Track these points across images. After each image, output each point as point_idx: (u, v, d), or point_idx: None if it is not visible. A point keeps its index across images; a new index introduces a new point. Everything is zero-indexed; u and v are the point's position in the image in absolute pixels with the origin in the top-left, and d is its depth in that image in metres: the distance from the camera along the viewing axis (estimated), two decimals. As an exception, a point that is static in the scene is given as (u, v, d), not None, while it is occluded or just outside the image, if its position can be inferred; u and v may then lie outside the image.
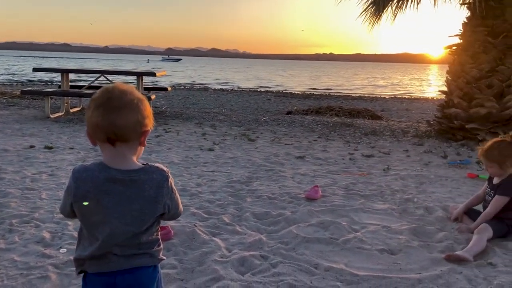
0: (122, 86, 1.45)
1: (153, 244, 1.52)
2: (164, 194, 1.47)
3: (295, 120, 9.61)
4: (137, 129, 1.42)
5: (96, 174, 1.44)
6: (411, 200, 4.12)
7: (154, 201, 1.46)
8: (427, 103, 18.86)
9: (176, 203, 1.54)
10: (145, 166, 1.48)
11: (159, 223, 1.54)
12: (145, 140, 1.47)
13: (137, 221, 1.45)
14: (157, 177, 1.47)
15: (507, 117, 7.25)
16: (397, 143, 7.27)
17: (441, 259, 2.84)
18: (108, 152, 1.44)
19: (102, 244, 1.44)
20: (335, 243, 3.05)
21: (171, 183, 1.50)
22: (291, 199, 4.02)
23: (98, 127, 1.39)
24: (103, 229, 1.44)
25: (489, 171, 3.40)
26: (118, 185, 1.43)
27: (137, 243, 1.47)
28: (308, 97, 19.93)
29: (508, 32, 7.38)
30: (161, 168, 1.49)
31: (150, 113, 1.47)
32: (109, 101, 1.40)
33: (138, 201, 1.44)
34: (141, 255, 1.49)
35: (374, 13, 8.58)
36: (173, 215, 1.56)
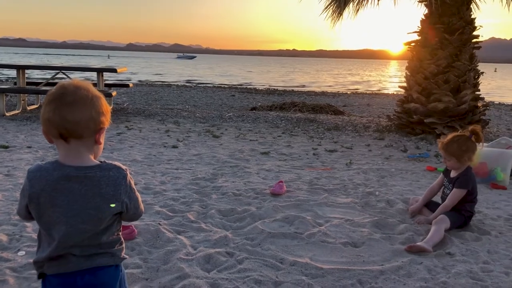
0: (78, 83, 1.43)
1: (114, 243, 1.49)
2: (122, 192, 1.45)
3: (259, 116, 9.64)
4: (90, 126, 1.39)
5: (50, 173, 1.40)
6: (373, 193, 4.21)
7: (111, 199, 1.43)
8: (388, 98, 19.31)
9: (135, 202, 1.51)
10: (102, 163, 1.45)
11: (120, 222, 1.51)
12: (100, 138, 1.44)
13: (94, 219, 1.42)
14: (114, 174, 1.44)
15: (463, 112, 7.53)
16: (359, 138, 7.41)
17: (402, 250, 2.92)
18: (62, 149, 1.41)
19: (59, 244, 1.40)
20: (300, 238, 3.08)
21: (129, 182, 1.47)
22: (256, 195, 4.04)
23: (49, 122, 1.36)
24: (59, 228, 1.40)
25: (447, 164, 3.51)
26: (73, 182, 1.40)
27: (97, 243, 1.44)
28: (272, 93, 20.02)
29: (463, 29, 7.66)
30: (119, 166, 1.46)
31: (107, 111, 1.44)
32: (62, 96, 1.37)
33: (94, 199, 1.41)
34: (102, 255, 1.46)
35: (336, 10, 8.70)
36: (133, 215, 1.53)
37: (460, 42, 7.64)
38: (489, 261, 2.79)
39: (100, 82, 8.95)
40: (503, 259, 2.81)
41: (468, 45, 7.74)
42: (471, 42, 7.81)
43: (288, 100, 14.50)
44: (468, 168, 3.44)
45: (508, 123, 11.99)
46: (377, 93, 23.82)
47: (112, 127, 7.36)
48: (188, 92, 17.51)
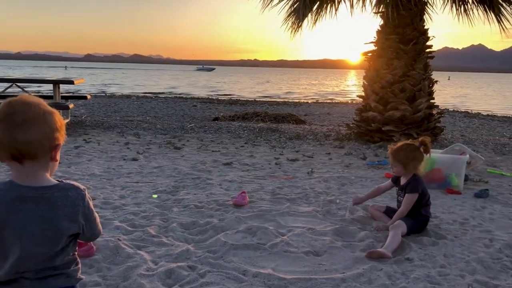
0: (27, 99, 1.35)
1: (70, 264, 1.44)
2: (80, 213, 1.40)
3: (221, 127, 9.62)
4: (45, 145, 1.33)
5: (3, 193, 1.34)
6: (334, 201, 4.27)
7: (69, 220, 1.38)
8: (347, 107, 19.73)
9: (93, 223, 1.46)
10: (59, 182, 1.40)
11: (76, 243, 1.46)
12: (56, 155, 1.39)
13: (50, 241, 1.36)
14: (72, 194, 1.39)
15: (419, 119, 7.78)
16: (320, 147, 7.52)
17: (363, 257, 2.97)
18: (16, 169, 1.34)
19: (11, 269, 1.34)
20: (262, 248, 3.08)
21: (88, 202, 1.43)
22: (218, 206, 4.01)
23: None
24: (13, 251, 1.34)
25: (393, 169, 3.61)
26: (29, 203, 1.34)
27: (52, 265, 1.39)
28: (234, 103, 20.06)
29: (417, 39, 7.93)
30: (77, 186, 1.41)
31: (62, 126, 1.39)
32: (10, 116, 1.29)
33: (51, 220, 1.35)
34: (57, 276, 1.40)
35: (295, 21, 8.83)
36: (90, 237, 1.48)
37: (414, 52, 7.90)
38: (446, 264, 2.87)
39: (57, 95, 8.71)
40: (459, 262, 2.90)
41: (422, 55, 8.02)
42: (425, 52, 8.09)
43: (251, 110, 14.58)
44: (415, 174, 3.54)
45: (462, 130, 12.48)
46: (337, 102, 24.30)
47: (69, 140, 7.16)
48: (149, 103, 17.29)
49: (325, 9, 8.85)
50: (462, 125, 13.85)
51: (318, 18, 8.98)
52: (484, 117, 17.73)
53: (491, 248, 3.16)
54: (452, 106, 23.10)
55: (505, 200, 4.51)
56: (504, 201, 4.48)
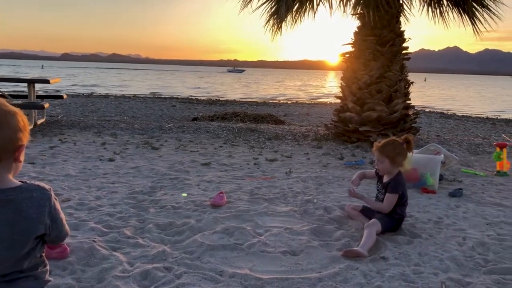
0: None
1: (38, 266, 1.41)
2: (46, 214, 1.37)
3: (200, 127, 9.57)
4: (8, 147, 1.30)
5: None
6: (311, 201, 4.29)
7: (35, 221, 1.35)
8: (326, 107, 19.88)
9: (60, 224, 1.43)
10: (23, 184, 1.36)
11: (43, 244, 1.43)
12: (20, 156, 1.35)
13: (18, 244, 1.33)
14: (37, 195, 1.36)
15: (395, 120, 7.89)
16: (298, 147, 7.55)
17: (339, 256, 2.99)
18: None
19: None
20: (239, 249, 3.07)
21: (54, 203, 1.40)
22: (196, 207, 3.99)
23: None
24: None
25: (379, 166, 3.64)
26: None
27: (19, 268, 1.35)
28: (214, 103, 20.00)
29: (394, 41, 8.05)
30: (42, 186, 1.39)
31: (25, 126, 1.35)
32: None
33: (17, 222, 1.32)
34: (25, 279, 1.37)
35: (275, 22, 8.86)
36: (56, 237, 1.46)
37: (391, 54, 8.01)
38: (420, 263, 2.92)
39: (32, 94, 8.53)
40: (433, 261, 2.95)
41: (399, 56, 8.14)
42: (401, 54, 8.22)
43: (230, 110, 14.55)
44: (399, 173, 3.60)
45: (437, 130, 12.70)
46: (316, 103, 24.47)
47: (44, 141, 7.03)
48: (127, 103, 17.10)
49: (305, 11, 8.90)
50: (437, 126, 14.10)
51: (298, 20, 9.02)
52: (459, 117, 18.09)
53: (464, 246, 3.22)
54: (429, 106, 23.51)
55: (478, 199, 4.61)
56: (477, 200, 4.57)
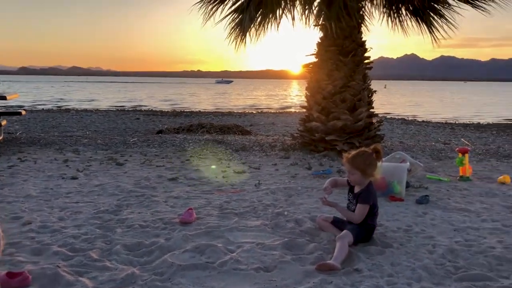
0: None
1: None
2: None
3: (166, 140, 9.42)
4: None
5: None
6: (282, 213, 4.26)
7: None
8: (291, 116, 20.03)
9: None
10: None
11: None
12: None
13: None
14: None
15: (360, 128, 8.00)
16: (266, 158, 7.54)
17: (313, 270, 2.96)
18: None
19: None
20: (211, 267, 2.99)
21: None
22: (164, 225, 3.88)
23: None
24: None
25: (350, 178, 3.66)
26: None
27: None
28: (179, 115, 19.83)
29: (356, 51, 8.19)
30: None
31: None
32: None
33: None
34: None
35: (239, 34, 8.86)
36: None
37: (353, 64, 8.14)
38: (393, 273, 2.92)
39: (-13, 111, 8.18)
40: (405, 271, 2.97)
41: (361, 66, 8.28)
42: (363, 63, 8.36)
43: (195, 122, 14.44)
44: (369, 183, 3.62)
45: (400, 136, 13.00)
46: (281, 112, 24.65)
47: (2, 160, 6.73)
48: (89, 117, 16.71)
49: (268, 23, 8.94)
50: (400, 132, 14.45)
51: (261, 31, 9.05)
52: (420, 123, 18.62)
53: (435, 254, 3.26)
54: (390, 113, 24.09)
55: (444, 205, 4.70)
56: (444, 206, 4.66)
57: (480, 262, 3.12)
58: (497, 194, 5.21)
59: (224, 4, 8.84)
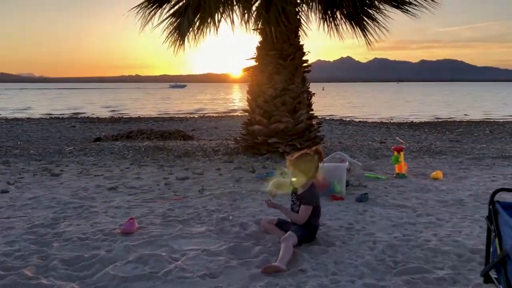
0: None
1: None
2: None
3: (104, 148, 9.11)
4: None
5: None
6: (226, 218, 4.24)
7: None
8: (233, 120, 20.07)
9: None
10: None
11: None
12: None
13: None
14: None
15: (301, 130, 8.16)
16: (210, 163, 7.48)
17: (259, 273, 2.96)
18: None
19: None
20: (156, 278, 2.92)
21: None
22: (105, 236, 3.74)
23: None
24: None
25: (294, 180, 3.70)
26: None
27: None
28: (117, 121, 19.28)
29: (295, 55, 8.34)
30: None
31: None
32: None
33: None
34: None
35: (177, 38, 8.75)
36: None
37: (293, 67, 8.29)
38: (337, 271, 2.99)
39: None
40: (348, 268, 3.04)
41: (300, 69, 8.45)
42: (302, 67, 8.54)
43: (135, 128, 14.10)
44: (312, 184, 3.69)
45: (338, 137, 13.39)
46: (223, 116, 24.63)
47: None
48: (20, 126, 15.84)
49: (207, 27, 8.90)
50: (338, 132, 14.88)
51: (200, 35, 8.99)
52: (357, 123, 19.28)
53: (375, 250, 3.37)
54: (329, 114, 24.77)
55: (383, 202, 4.88)
56: (382, 203, 4.84)
57: (417, 256, 3.26)
58: (431, 190, 5.49)
59: (162, 8, 8.71)
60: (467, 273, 2.97)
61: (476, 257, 3.19)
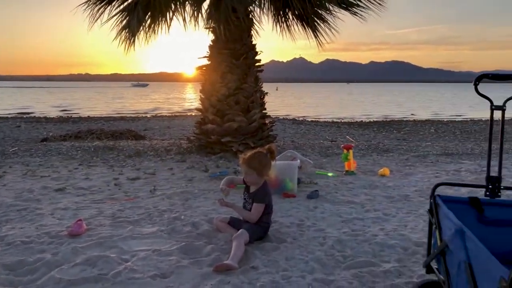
0: None
1: None
2: None
3: (51, 148, 8.78)
4: None
5: None
6: (178, 218, 4.20)
7: None
8: (187, 119, 19.89)
9: None
10: None
11: None
12: None
13: None
14: None
15: (254, 129, 8.20)
16: (162, 162, 7.38)
17: (210, 272, 2.95)
18: None
19: None
20: (104, 279, 2.84)
21: None
22: (51, 239, 3.60)
23: None
24: None
25: (247, 178, 3.73)
26: None
27: None
28: (66, 121, 18.65)
29: (247, 54, 8.37)
30: None
31: None
32: None
33: None
34: None
35: (128, 35, 8.56)
36: None
37: (245, 66, 8.32)
38: (288, 267, 3.03)
39: None
40: (299, 264, 3.09)
41: (253, 69, 8.49)
42: (255, 66, 8.58)
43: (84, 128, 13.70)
44: (265, 183, 3.72)
45: (291, 136, 13.57)
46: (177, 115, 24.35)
47: None
48: (-41, 126, 14.98)
49: (158, 24, 8.77)
50: (291, 132, 15.08)
51: (151, 33, 8.84)
52: (309, 123, 19.62)
53: (325, 245, 3.44)
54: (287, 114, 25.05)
55: (333, 199, 5.00)
56: (332, 200, 4.96)
57: (365, 250, 3.36)
58: (378, 186, 5.67)
59: (111, 5, 8.49)
60: (412, 265, 3.09)
61: (420, 249, 3.33)
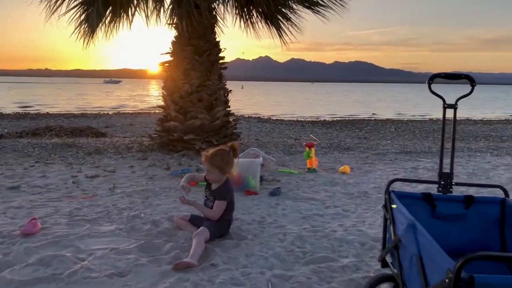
0: None
1: None
2: None
3: (5, 145, 8.46)
4: None
5: None
6: (138, 216, 4.13)
7: None
8: (150, 117, 19.59)
9: None
10: None
11: None
12: None
13: None
14: None
15: (217, 127, 8.16)
16: (122, 160, 7.24)
17: (169, 270, 2.92)
18: None
19: None
20: (59, 279, 2.76)
21: None
22: (2, 239, 3.46)
23: None
24: None
25: (209, 176, 3.70)
26: None
27: None
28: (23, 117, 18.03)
29: (211, 51, 8.32)
30: None
31: None
32: None
33: None
34: None
35: (87, 30, 8.34)
36: None
37: (209, 63, 8.26)
38: (248, 264, 3.03)
39: None
40: (259, 260, 3.10)
41: (216, 66, 8.44)
42: (219, 63, 8.54)
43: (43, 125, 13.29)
44: (226, 180, 3.71)
45: (256, 134, 13.60)
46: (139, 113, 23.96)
47: None
48: None
49: (120, 20, 8.58)
50: (256, 130, 15.12)
51: (113, 28, 8.65)
52: (274, 121, 19.73)
53: (285, 242, 3.47)
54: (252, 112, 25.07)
55: (294, 196, 5.04)
56: (294, 197, 5.00)
57: (324, 246, 3.41)
58: (339, 183, 5.76)
59: (70, -3, 8.25)
60: (369, 260, 3.16)
61: (377, 244, 3.41)
